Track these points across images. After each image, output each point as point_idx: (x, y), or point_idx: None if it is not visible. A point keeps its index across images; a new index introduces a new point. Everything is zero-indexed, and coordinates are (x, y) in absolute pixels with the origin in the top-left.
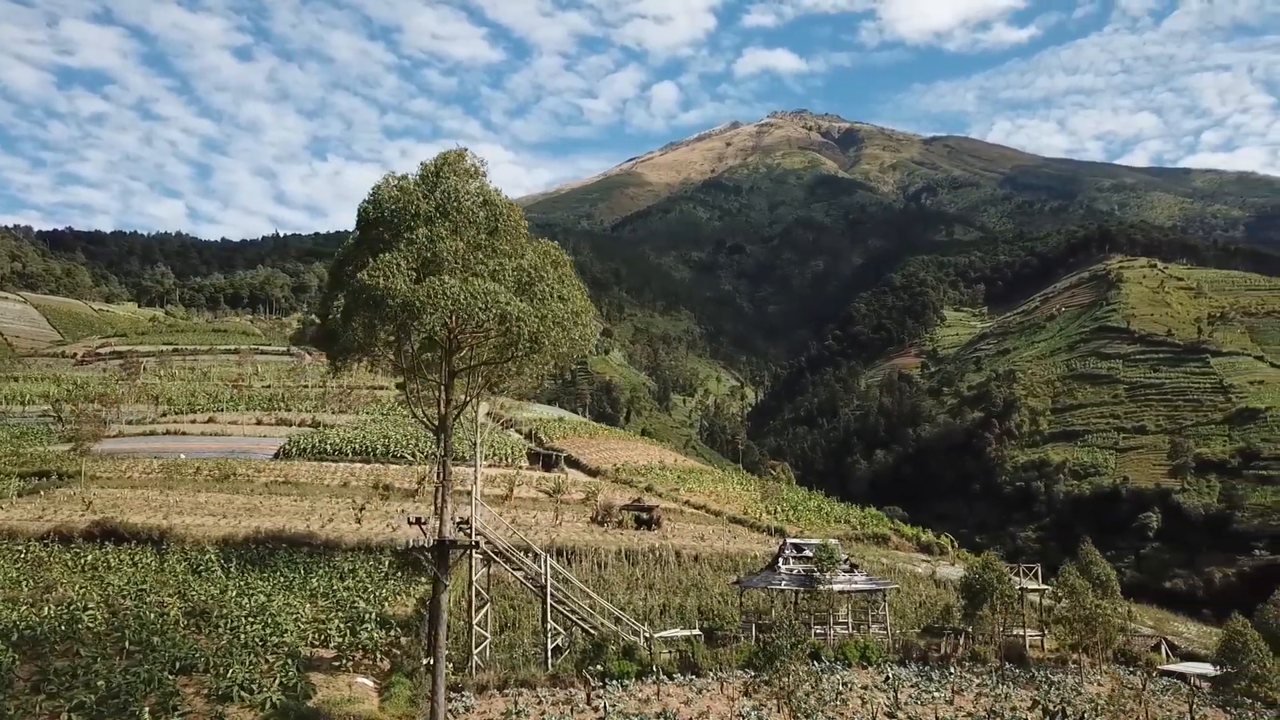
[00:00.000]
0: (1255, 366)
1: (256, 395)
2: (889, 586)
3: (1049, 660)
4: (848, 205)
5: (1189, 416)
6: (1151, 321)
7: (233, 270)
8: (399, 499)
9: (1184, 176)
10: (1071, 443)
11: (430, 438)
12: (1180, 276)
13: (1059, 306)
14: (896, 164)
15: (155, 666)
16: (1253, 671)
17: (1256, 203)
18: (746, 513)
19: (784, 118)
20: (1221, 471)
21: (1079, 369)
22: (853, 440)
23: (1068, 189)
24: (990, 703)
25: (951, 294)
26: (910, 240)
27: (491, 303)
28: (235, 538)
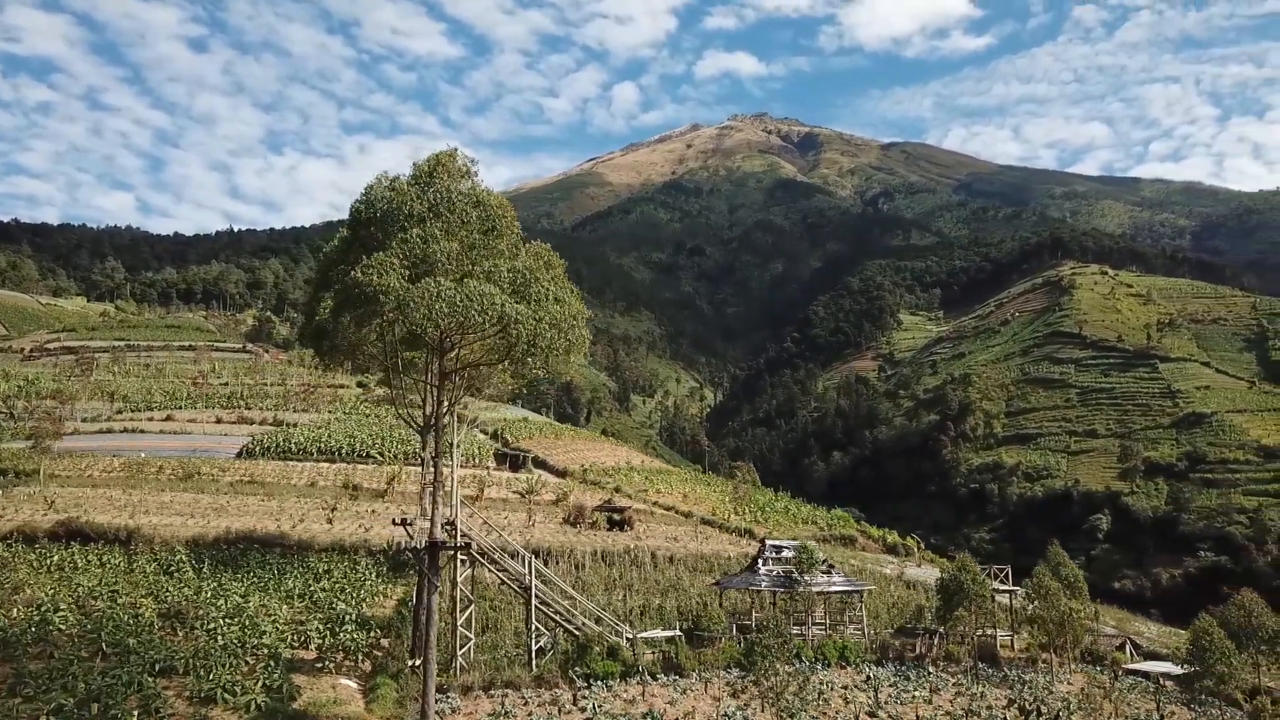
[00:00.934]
0: (1201, 372)
1: (215, 393)
2: (865, 588)
3: (1019, 660)
4: (806, 209)
5: (1138, 421)
6: (1103, 327)
7: (185, 265)
8: (368, 499)
9: (1133, 185)
10: (1025, 446)
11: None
12: (1130, 283)
13: (1013, 311)
14: (855, 169)
15: (134, 668)
16: (1219, 671)
17: (1202, 212)
18: (715, 514)
19: (744, 121)
20: (1169, 475)
21: (1032, 373)
22: (810, 442)
23: (1021, 196)
24: (968, 702)
25: (908, 298)
26: (868, 244)
27: (488, 305)
28: (205, 538)
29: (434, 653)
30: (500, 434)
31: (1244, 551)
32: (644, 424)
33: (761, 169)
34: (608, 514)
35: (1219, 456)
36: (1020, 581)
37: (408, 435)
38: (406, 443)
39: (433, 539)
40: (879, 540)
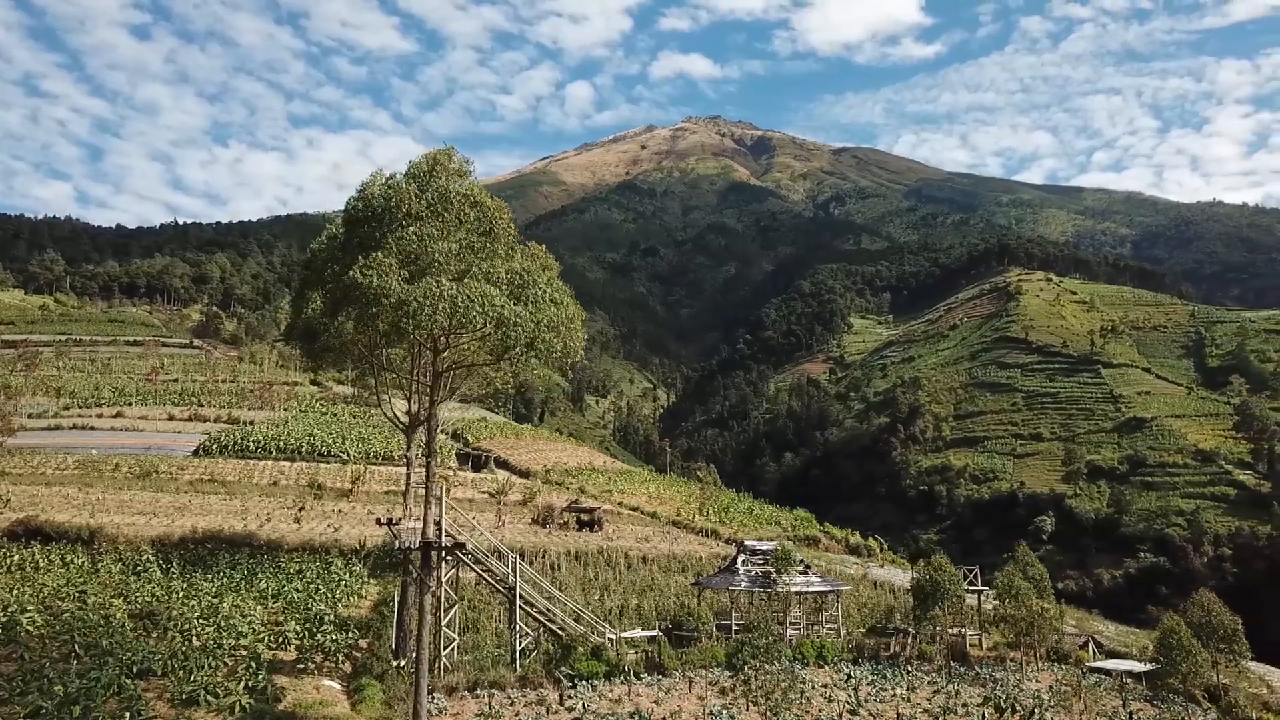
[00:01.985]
0: (1142, 378)
1: (166, 390)
2: (842, 588)
3: (988, 658)
4: (759, 212)
5: (1081, 425)
6: (1048, 333)
7: (128, 258)
8: (333, 499)
9: (1077, 194)
10: (972, 448)
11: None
12: (1074, 290)
13: (961, 316)
14: (807, 173)
15: (112, 670)
16: (1185, 669)
17: (1142, 222)
18: (680, 514)
19: (698, 123)
20: (1110, 477)
21: (980, 377)
22: (762, 443)
23: (969, 203)
24: (944, 700)
25: (859, 302)
26: (819, 248)
27: (488, 306)
28: (170, 538)
29: (425, 653)
30: (460, 434)
31: (1181, 552)
32: (598, 424)
33: (715, 171)
34: (577, 514)
35: (1158, 460)
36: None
37: (369, 434)
38: (368, 442)
39: (426, 539)
40: (841, 541)
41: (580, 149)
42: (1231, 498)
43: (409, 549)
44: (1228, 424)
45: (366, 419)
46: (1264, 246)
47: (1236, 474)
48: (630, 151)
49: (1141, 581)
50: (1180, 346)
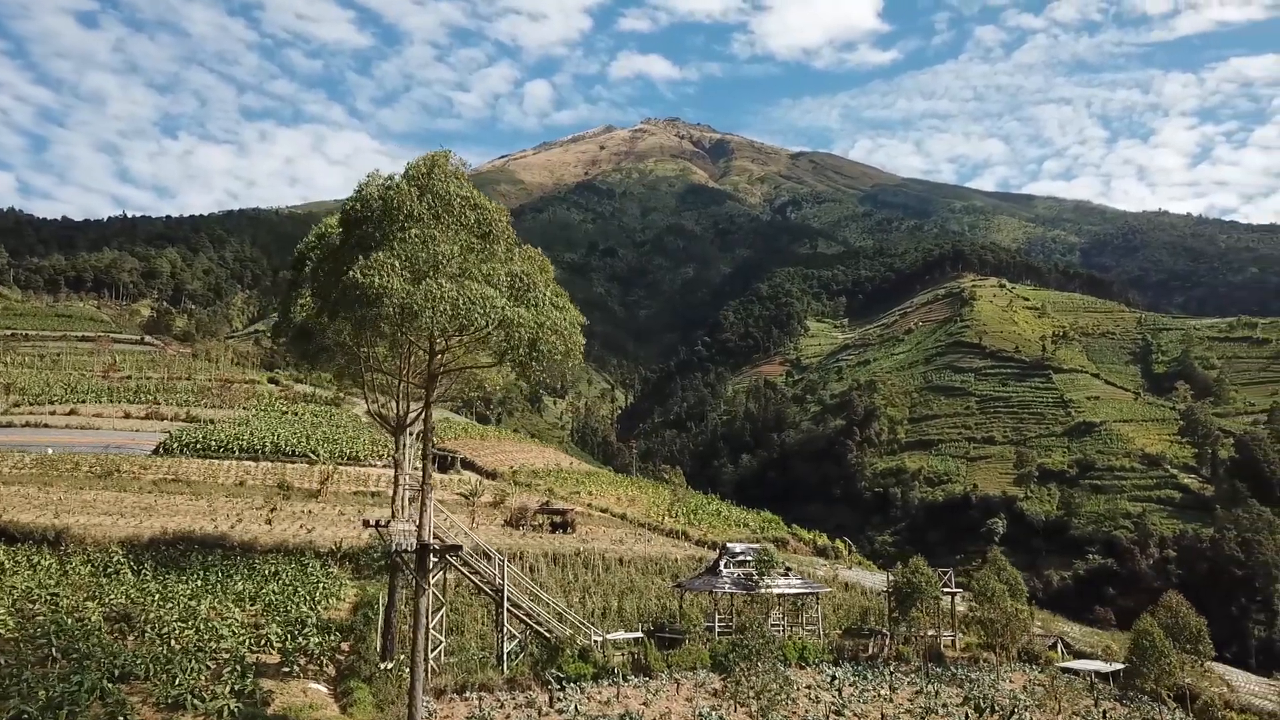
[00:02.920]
0: (1091, 383)
1: (121, 387)
2: (822, 590)
3: (962, 659)
4: (717, 215)
5: (1033, 429)
6: (1001, 338)
7: (74, 251)
8: (301, 499)
9: (1028, 202)
10: (926, 451)
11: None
12: (1027, 297)
13: (916, 321)
14: (764, 177)
15: (94, 674)
16: (1158, 670)
17: (1091, 230)
18: (649, 516)
19: (657, 125)
20: (1061, 481)
21: (934, 381)
22: (720, 444)
23: (923, 208)
24: (925, 700)
25: (815, 305)
26: (777, 252)
27: (490, 308)
28: (139, 538)
29: (421, 656)
30: None
31: (1128, 554)
32: (555, 425)
33: (674, 173)
34: (549, 516)
35: (1107, 464)
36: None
37: (334, 434)
38: (334, 442)
39: (423, 541)
40: (809, 543)
41: (539, 148)
42: (1176, 501)
43: (405, 551)
44: (1173, 429)
45: (329, 418)
46: (1206, 256)
47: (1181, 478)
48: (589, 152)
49: (1089, 582)
50: (1128, 353)
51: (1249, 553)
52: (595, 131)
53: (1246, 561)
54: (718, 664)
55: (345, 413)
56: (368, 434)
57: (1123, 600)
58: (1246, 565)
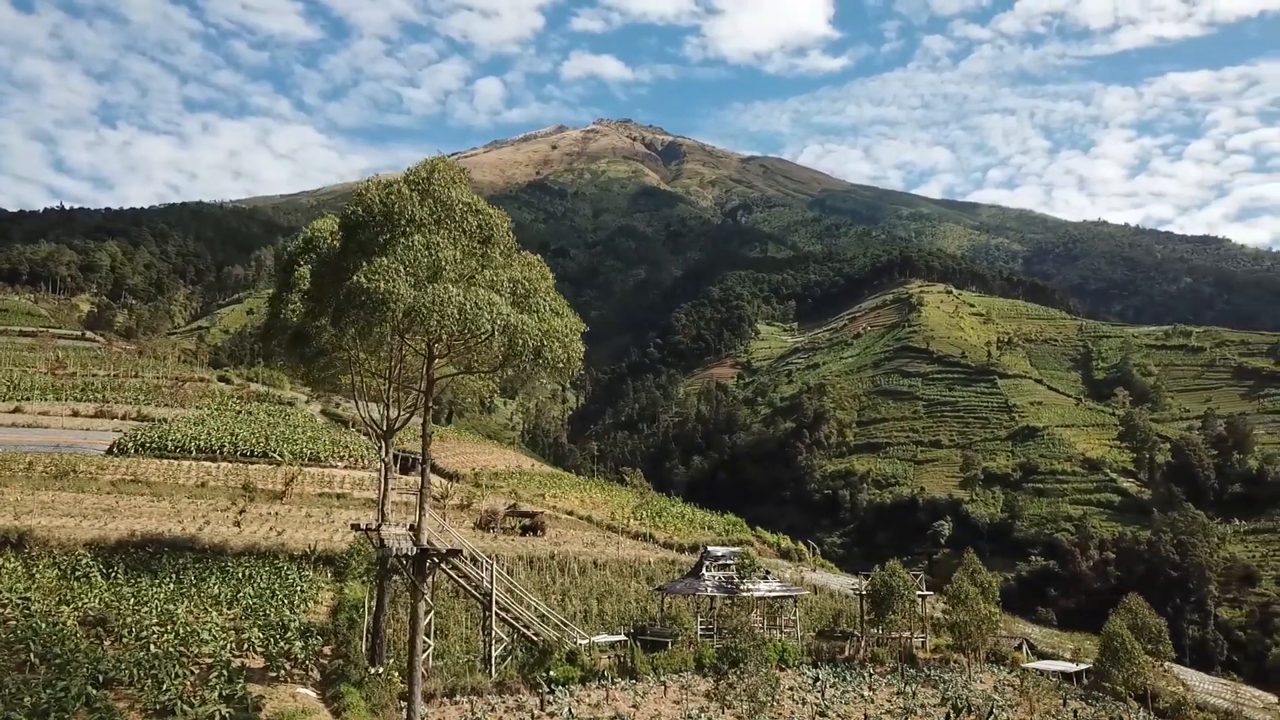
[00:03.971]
0: (1035, 389)
1: (66, 384)
2: (800, 593)
3: (934, 660)
4: (669, 217)
5: (978, 433)
6: (948, 344)
7: (9, 243)
8: (265, 501)
9: (973, 210)
10: (875, 454)
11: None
12: (972, 303)
13: (865, 325)
14: (715, 180)
15: (77, 679)
16: (1128, 670)
17: (1033, 238)
18: (614, 519)
19: (609, 126)
20: (1005, 484)
21: (883, 385)
22: (671, 446)
23: (871, 214)
24: (904, 700)
25: (765, 309)
26: (728, 255)
27: (495, 314)
28: (106, 541)
29: (419, 659)
30: None
31: (1069, 556)
32: (506, 425)
33: (626, 175)
34: (519, 519)
35: (1049, 468)
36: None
37: (291, 434)
38: (294, 442)
39: (421, 546)
40: (773, 545)
41: (490, 146)
42: (1115, 504)
43: (405, 555)
44: (1113, 434)
45: (285, 418)
46: (1143, 266)
47: (1120, 482)
48: (541, 151)
49: (1031, 583)
50: (1069, 359)
51: (1184, 555)
52: (547, 131)
53: (1182, 563)
54: (702, 666)
55: (299, 412)
56: (327, 434)
57: (1064, 601)
58: (1181, 567)
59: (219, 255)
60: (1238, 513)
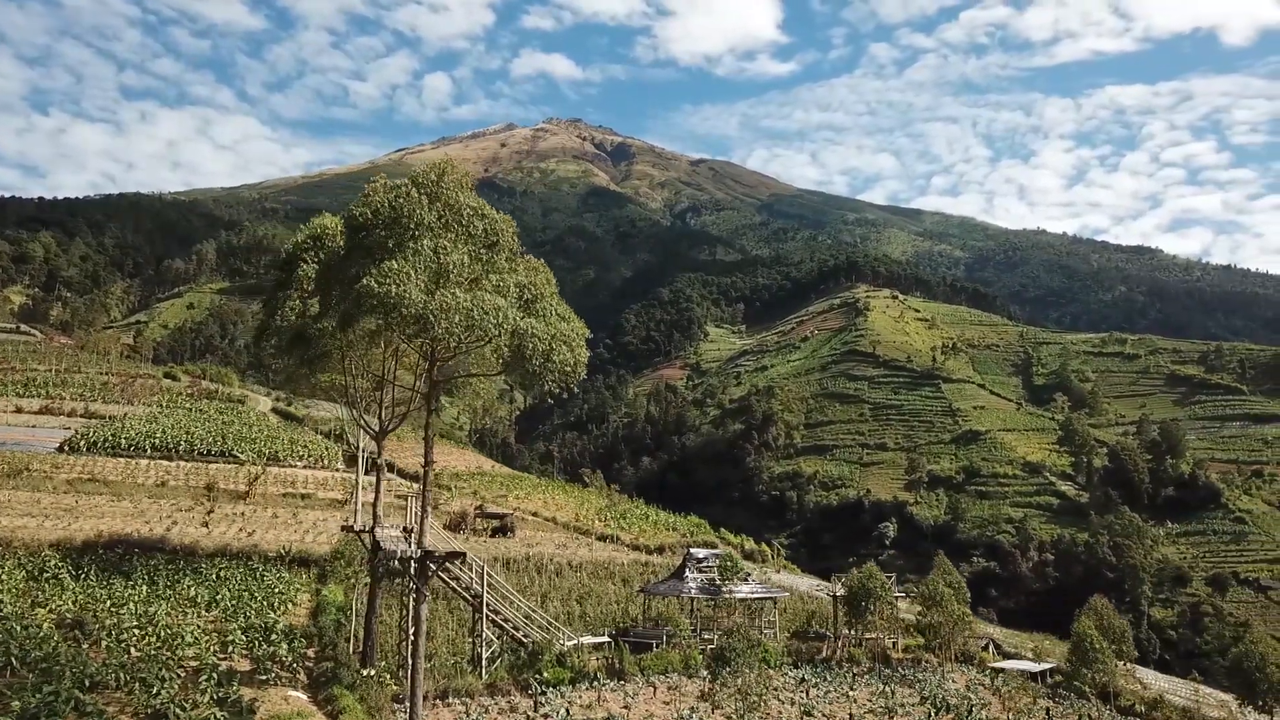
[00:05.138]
0: (978, 393)
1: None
2: (781, 595)
3: (906, 660)
4: (618, 218)
5: (923, 436)
6: (893, 348)
7: None
8: (228, 501)
9: (916, 216)
10: (822, 456)
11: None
12: (917, 308)
13: (812, 329)
14: (665, 182)
15: (65, 684)
16: (1097, 669)
17: (975, 245)
18: (579, 520)
19: (559, 125)
20: (948, 486)
21: (830, 388)
22: (620, 447)
23: (818, 219)
24: (884, 700)
25: (714, 311)
26: (677, 257)
27: (503, 318)
28: (72, 541)
29: (421, 661)
30: (342, 435)
31: (1010, 557)
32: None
33: (575, 174)
34: (489, 520)
35: (991, 471)
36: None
37: (247, 432)
38: (253, 441)
39: (424, 548)
40: (737, 546)
41: (437, 142)
42: (1054, 507)
43: (408, 558)
44: (1052, 438)
45: (239, 416)
46: (1080, 274)
47: (1059, 485)
48: (490, 149)
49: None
50: (1011, 365)
51: (1120, 556)
52: (496, 129)
53: (1117, 564)
54: (689, 667)
55: (251, 410)
56: (285, 433)
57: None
58: (1117, 568)
59: (158, 248)
60: (1170, 515)
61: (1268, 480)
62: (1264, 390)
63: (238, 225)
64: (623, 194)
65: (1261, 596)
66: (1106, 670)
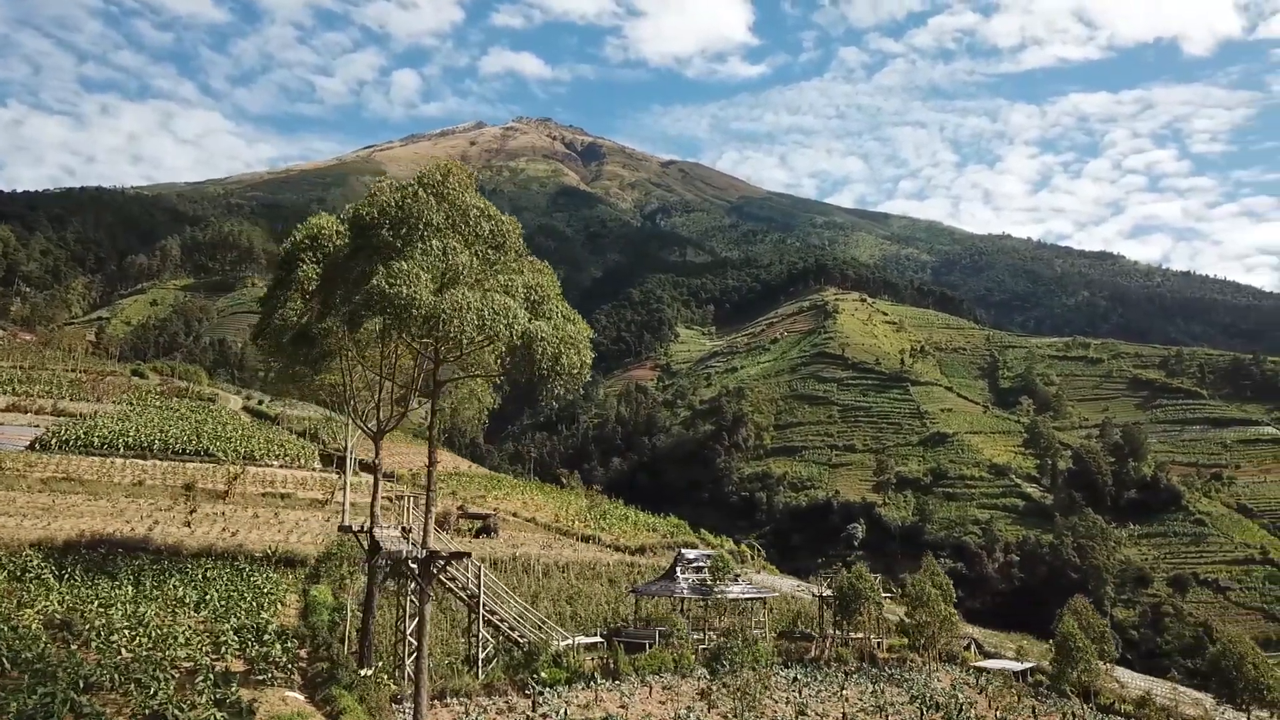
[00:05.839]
0: (945, 396)
1: None
2: (771, 595)
3: (891, 659)
4: (589, 218)
5: (891, 438)
6: (862, 351)
7: None
8: (207, 501)
9: (884, 220)
10: (791, 457)
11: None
12: (885, 311)
13: (782, 331)
14: (635, 183)
15: (59, 685)
16: (1081, 668)
17: (942, 249)
18: (559, 521)
19: (529, 124)
20: (916, 488)
21: (799, 390)
22: (591, 447)
23: (787, 221)
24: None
25: (684, 312)
26: (647, 258)
27: (513, 320)
28: (53, 541)
29: (425, 661)
30: (317, 434)
31: (976, 558)
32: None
33: (545, 174)
34: (472, 520)
35: (958, 473)
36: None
37: (223, 432)
38: (228, 440)
39: (428, 549)
40: (717, 548)
41: (406, 140)
42: (1020, 509)
43: (414, 558)
44: (1018, 441)
45: (210, 414)
46: (1044, 279)
47: (1025, 487)
48: (459, 147)
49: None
50: (977, 368)
51: (1083, 557)
52: (465, 127)
53: (1081, 565)
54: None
55: (223, 408)
56: (260, 432)
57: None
58: (1081, 569)
59: (120, 243)
60: (1132, 517)
61: (1226, 483)
62: (1223, 395)
63: (203, 221)
64: (593, 194)
65: (1220, 597)
66: (1091, 670)
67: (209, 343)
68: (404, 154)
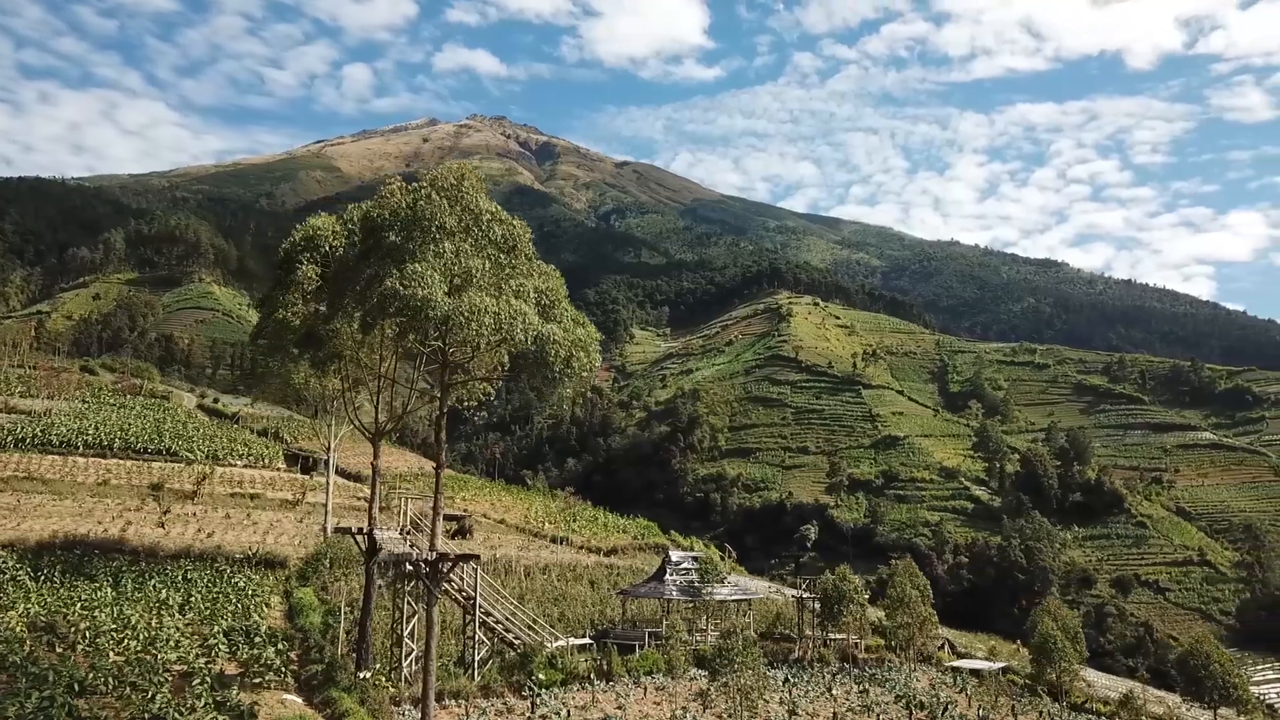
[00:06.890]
0: (896, 399)
1: None
2: (757, 596)
3: (871, 660)
4: (543, 218)
5: (844, 440)
6: (815, 354)
7: None
8: (176, 501)
9: (836, 225)
10: (745, 459)
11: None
12: (838, 315)
13: (736, 334)
14: (590, 183)
15: (58, 688)
16: (1060, 668)
17: (892, 254)
18: (528, 522)
19: (483, 122)
20: (868, 490)
21: (754, 392)
22: (545, 448)
23: (740, 225)
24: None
25: (640, 314)
26: (602, 259)
27: (527, 323)
28: (25, 543)
29: (433, 663)
30: (279, 433)
31: (927, 560)
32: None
33: (499, 172)
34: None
35: (909, 475)
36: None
37: (183, 431)
38: (189, 439)
39: (436, 550)
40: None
41: (358, 135)
42: (969, 511)
43: (423, 560)
44: (967, 444)
45: (166, 412)
46: (991, 285)
47: (974, 490)
48: (412, 143)
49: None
50: (927, 372)
51: (1030, 559)
52: (418, 123)
53: (1028, 567)
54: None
55: (178, 406)
56: (223, 432)
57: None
58: (1028, 570)
59: (61, 235)
60: (1077, 520)
61: (1166, 487)
62: (1162, 400)
63: (147, 214)
64: (547, 194)
65: (1160, 598)
66: (1069, 670)
67: (155, 338)
68: (355, 149)
